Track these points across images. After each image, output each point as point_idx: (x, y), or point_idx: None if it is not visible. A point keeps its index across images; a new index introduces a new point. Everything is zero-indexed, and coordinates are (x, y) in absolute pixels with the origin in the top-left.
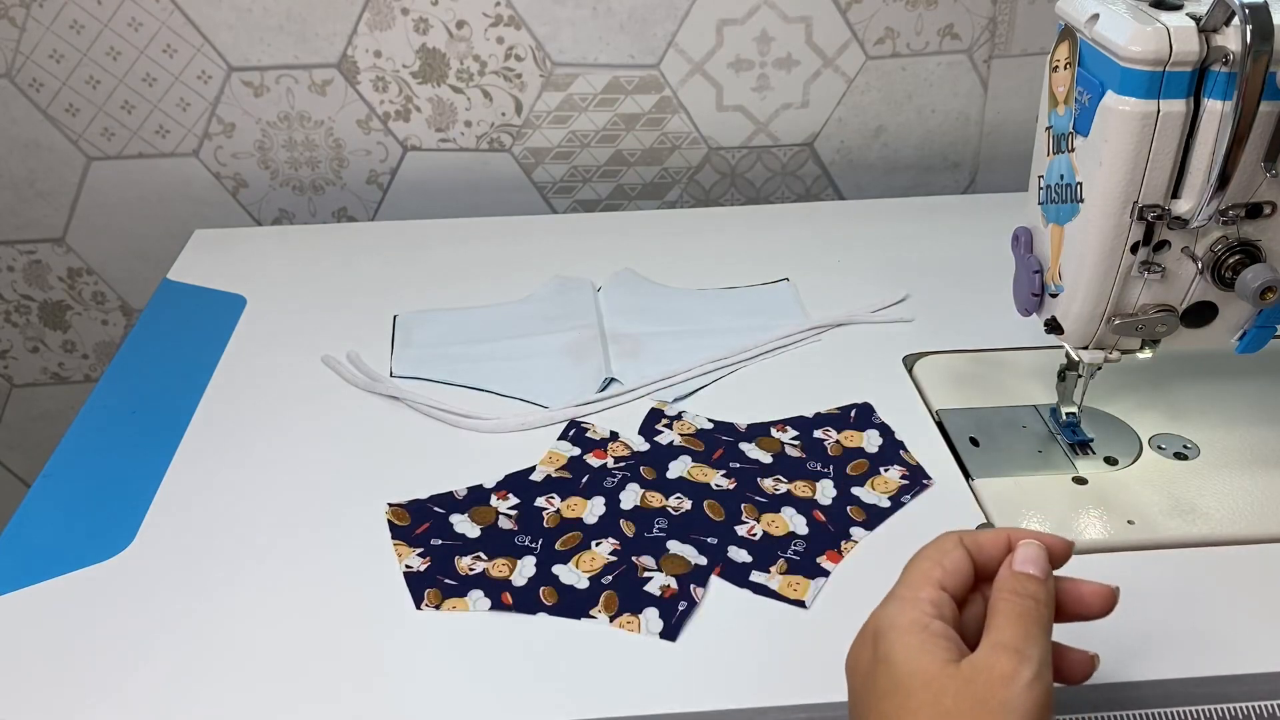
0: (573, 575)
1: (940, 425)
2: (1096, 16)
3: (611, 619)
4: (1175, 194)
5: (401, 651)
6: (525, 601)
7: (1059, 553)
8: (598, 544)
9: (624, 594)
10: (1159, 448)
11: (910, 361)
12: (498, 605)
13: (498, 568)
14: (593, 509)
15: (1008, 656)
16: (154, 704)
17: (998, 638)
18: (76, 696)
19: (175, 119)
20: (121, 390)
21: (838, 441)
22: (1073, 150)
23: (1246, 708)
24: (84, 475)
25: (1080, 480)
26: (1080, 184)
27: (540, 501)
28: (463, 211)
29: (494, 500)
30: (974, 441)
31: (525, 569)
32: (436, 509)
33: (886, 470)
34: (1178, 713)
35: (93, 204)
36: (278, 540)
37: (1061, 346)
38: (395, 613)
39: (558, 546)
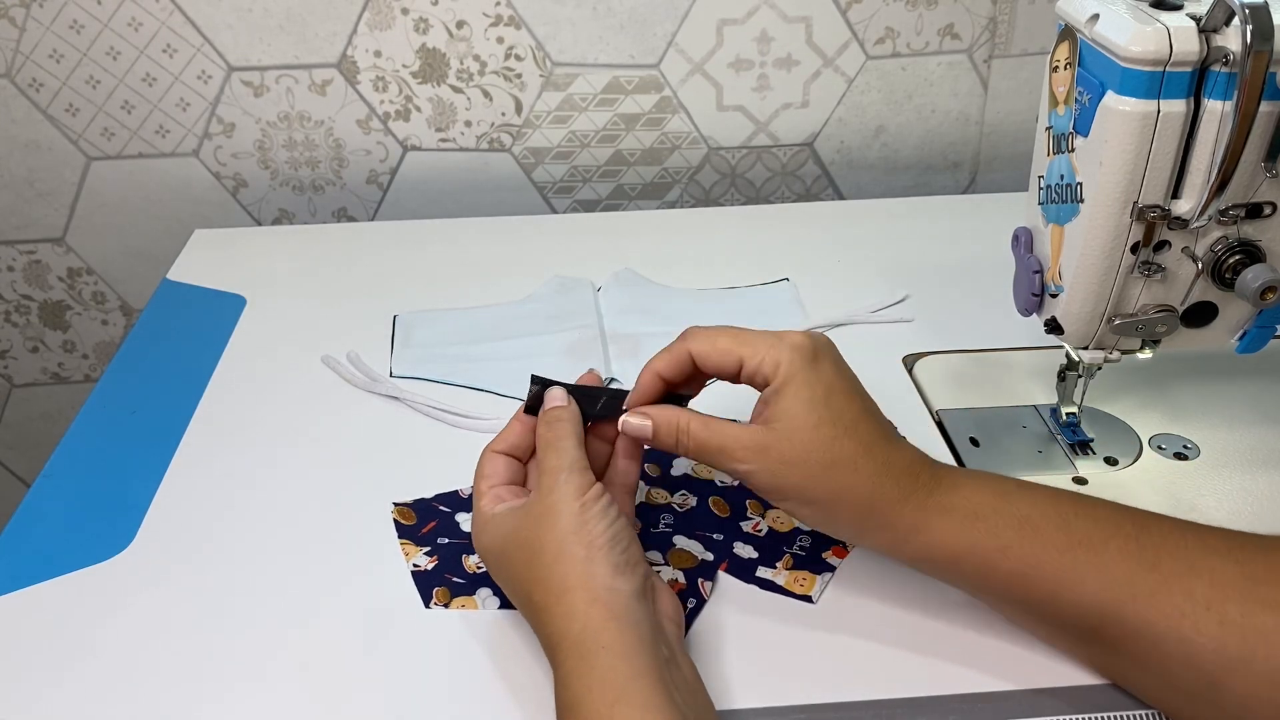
0: None
1: (940, 425)
2: (1096, 16)
3: None
4: (1175, 194)
5: (410, 650)
6: None
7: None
8: None
9: None
10: (1159, 448)
11: (910, 361)
12: (506, 604)
13: None
14: None
15: (548, 475)
16: (155, 705)
17: (539, 468)
18: (76, 696)
19: (175, 119)
20: (121, 390)
21: None
22: (1073, 150)
23: None
24: (84, 475)
25: (1080, 480)
26: (1080, 184)
27: None
28: (463, 211)
29: None
30: (974, 442)
31: None
32: (442, 508)
33: None
34: None
35: (93, 204)
36: (279, 540)
37: (1061, 346)
38: (403, 611)
39: None
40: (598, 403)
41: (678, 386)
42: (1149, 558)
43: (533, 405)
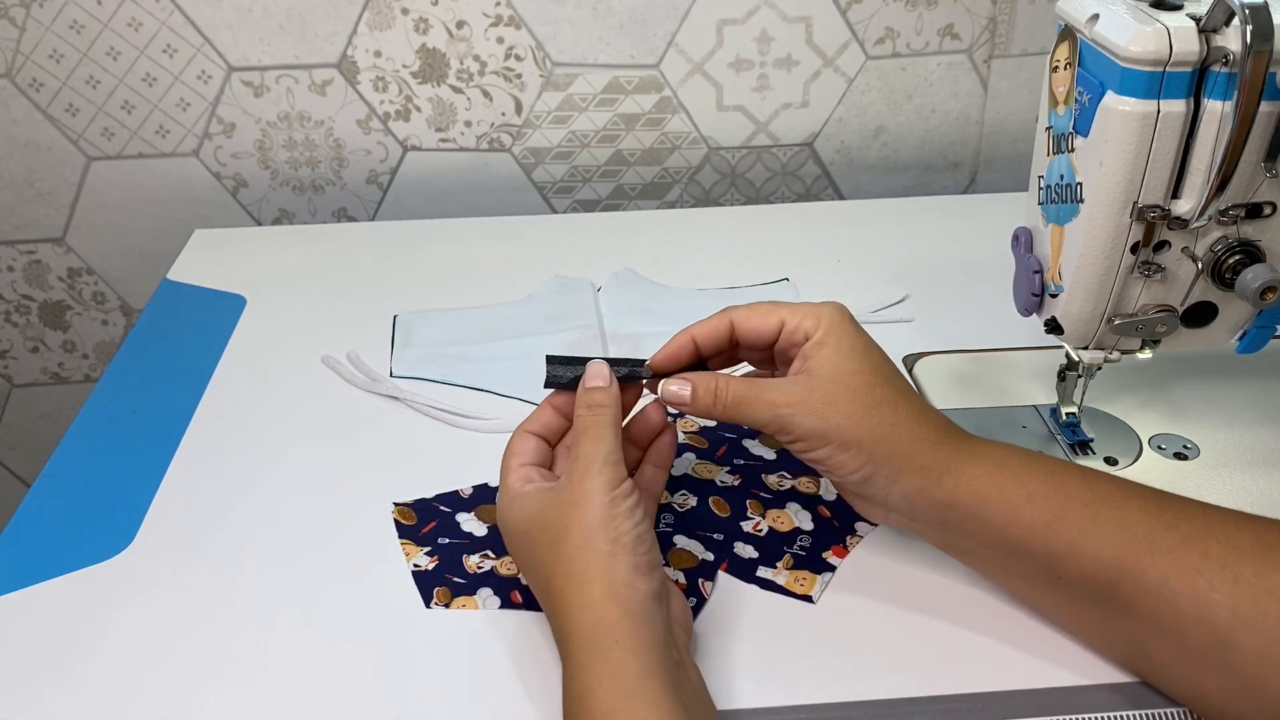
0: None
1: None
2: (1096, 16)
3: None
4: (1175, 194)
5: (411, 650)
6: (535, 599)
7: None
8: None
9: None
10: (1159, 448)
11: (910, 361)
12: (507, 603)
13: (506, 565)
14: None
15: (582, 461)
16: (155, 705)
17: (574, 452)
18: (76, 696)
19: (175, 119)
20: (121, 390)
21: None
22: (1073, 150)
23: None
24: (84, 475)
25: None
26: (1080, 184)
27: None
28: (463, 211)
29: None
30: None
31: None
32: (443, 508)
33: None
34: (1177, 714)
35: (93, 204)
36: (279, 540)
37: (1061, 346)
38: (404, 611)
39: None
40: (622, 369)
41: (706, 358)
42: (1168, 519)
43: (553, 384)
